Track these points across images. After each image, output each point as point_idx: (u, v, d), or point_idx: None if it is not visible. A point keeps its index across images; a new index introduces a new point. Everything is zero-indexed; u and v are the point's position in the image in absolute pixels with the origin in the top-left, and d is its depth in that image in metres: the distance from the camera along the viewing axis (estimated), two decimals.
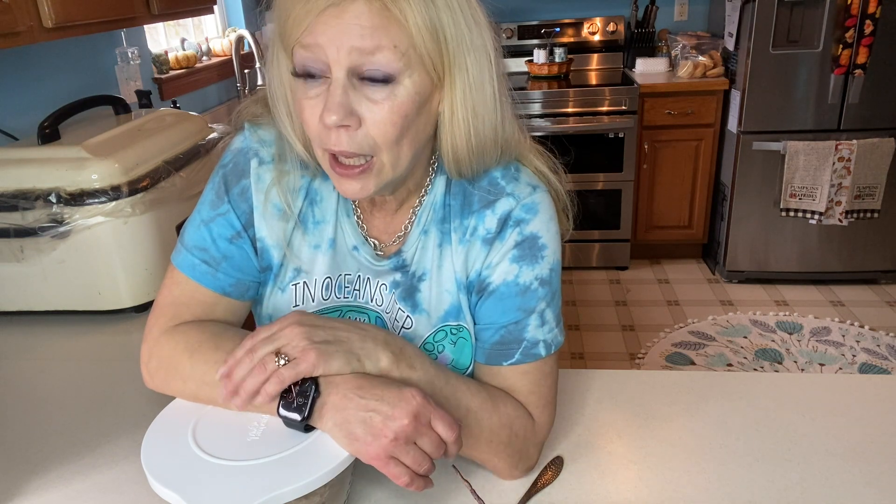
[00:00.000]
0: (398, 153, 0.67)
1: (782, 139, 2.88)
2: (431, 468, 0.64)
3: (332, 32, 0.61)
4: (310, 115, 0.66)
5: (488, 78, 0.68)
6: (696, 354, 2.66)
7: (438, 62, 0.65)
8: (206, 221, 0.77)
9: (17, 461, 0.84)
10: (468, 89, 0.67)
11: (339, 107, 0.63)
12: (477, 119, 0.69)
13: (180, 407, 0.71)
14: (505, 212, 0.75)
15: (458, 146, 0.70)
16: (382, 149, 0.66)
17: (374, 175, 0.68)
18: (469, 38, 0.66)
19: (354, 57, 0.62)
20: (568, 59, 3.38)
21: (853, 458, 0.79)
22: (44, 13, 1.27)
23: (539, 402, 0.77)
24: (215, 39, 2.90)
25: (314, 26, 0.62)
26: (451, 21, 0.64)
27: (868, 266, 3.08)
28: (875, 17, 2.63)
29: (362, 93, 0.64)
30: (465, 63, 0.66)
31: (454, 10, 0.64)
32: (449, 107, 0.68)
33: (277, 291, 0.80)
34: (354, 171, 0.67)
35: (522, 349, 0.75)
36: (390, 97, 0.64)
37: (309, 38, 0.62)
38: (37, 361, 1.10)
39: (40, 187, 1.14)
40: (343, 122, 0.63)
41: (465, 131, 0.69)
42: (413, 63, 0.63)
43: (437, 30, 0.63)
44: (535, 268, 0.75)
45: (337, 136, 0.64)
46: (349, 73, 0.63)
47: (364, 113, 0.64)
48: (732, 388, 0.93)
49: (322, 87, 0.64)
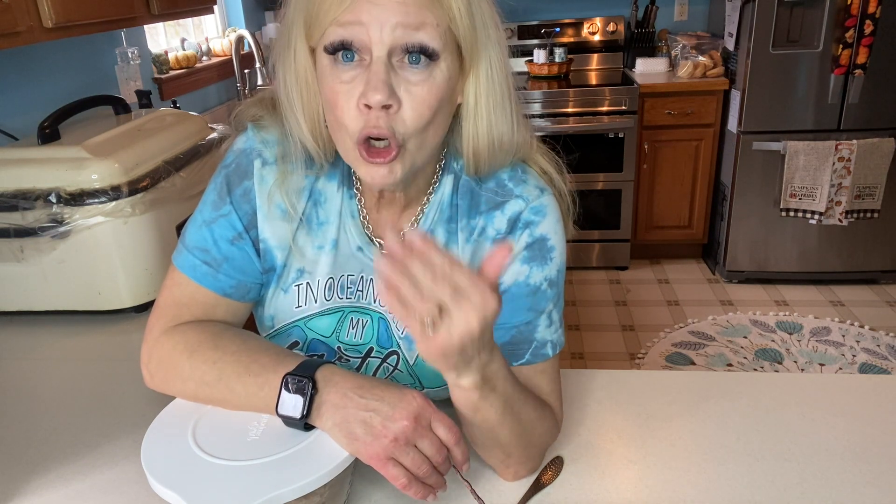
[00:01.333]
0: (424, 139, 0.67)
1: (782, 139, 2.88)
2: (430, 471, 0.64)
3: (376, 10, 0.61)
4: (345, 101, 0.64)
5: (505, 73, 0.69)
6: (696, 354, 2.66)
7: (470, 47, 0.66)
8: (207, 222, 0.77)
9: (17, 461, 0.84)
10: (490, 82, 0.68)
11: (384, 85, 0.62)
12: (496, 113, 0.70)
13: (180, 407, 0.71)
14: (515, 213, 0.75)
15: (479, 137, 0.71)
16: (412, 134, 0.66)
17: (401, 160, 0.67)
18: (493, 32, 0.67)
19: (398, 34, 0.61)
20: (568, 59, 3.38)
21: (853, 458, 0.79)
22: (44, 13, 1.27)
23: (558, 400, 0.79)
24: (215, 39, 2.90)
25: (356, 4, 0.61)
26: (479, 11, 0.66)
27: (868, 266, 3.08)
28: (875, 17, 2.63)
29: (401, 75, 0.64)
30: (490, 55, 0.68)
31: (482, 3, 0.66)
32: (473, 97, 0.69)
33: (280, 292, 0.79)
34: (385, 157, 0.65)
35: (532, 349, 0.75)
36: (428, 79, 0.64)
37: (350, 16, 0.62)
38: (37, 361, 1.10)
39: (40, 187, 1.14)
40: (387, 101, 0.62)
41: (486, 123, 0.70)
42: (449, 45, 0.64)
43: (472, 14, 0.65)
44: (544, 269, 0.75)
45: (377, 117, 0.63)
46: (390, 52, 0.62)
47: (402, 95, 0.64)
48: (732, 388, 0.93)
49: (357, 70, 0.64)
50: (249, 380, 0.68)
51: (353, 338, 0.80)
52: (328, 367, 0.67)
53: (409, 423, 0.62)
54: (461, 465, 0.66)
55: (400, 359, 0.80)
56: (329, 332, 0.80)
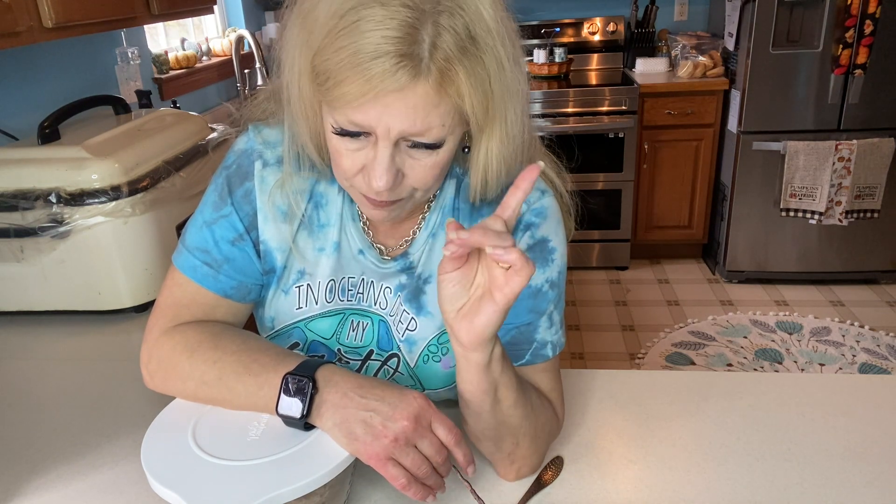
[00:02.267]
0: (431, 189, 0.70)
1: (782, 139, 2.88)
2: (430, 472, 0.64)
3: (386, 117, 0.60)
4: (350, 165, 0.66)
5: (522, 117, 0.68)
6: (696, 354, 2.66)
7: (482, 120, 0.65)
8: (208, 223, 0.77)
9: (17, 461, 0.84)
10: (505, 136, 0.67)
11: (388, 172, 0.63)
12: (509, 154, 0.69)
13: (180, 407, 0.71)
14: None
15: (489, 177, 0.71)
16: (420, 191, 0.68)
17: (401, 206, 0.70)
18: (513, 87, 0.65)
19: (403, 135, 0.62)
20: (568, 59, 3.38)
21: (853, 458, 0.79)
22: (44, 13, 1.27)
23: (559, 398, 0.79)
24: (215, 39, 2.90)
25: (368, 107, 0.60)
26: (499, 79, 0.63)
27: (868, 266, 3.08)
28: (875, 17, 2.63)
29: (406, 152, 0.64)
30: (506, 113, 0.66)
31: (503, 67, 0.62)
32: (485, 150, 0.68)
33: (281, 294, 0.79)
34: (389, 206, 0.68)
35: (532, 350, 0.76)
36: (433, 156, 0.65)
37: (359, 118, 0.61)
38: (37, 361, 1.10)
39: (40, 187, 1.14)
40: (390, 187, 0.64)
41: (497, 166, 0.70)
42: (457, 127, 0.64)
43: (487, 94, 0.63)
44: (545, 270, 0.75)
45: (379, 192, 0.65)
46: (395, 142, 0.63)
47: (407, 170, 0.65)
48: (732, 388, 0.93)
49: (363, 143, 0.64)
50: (249, 379, 0.68)
51: (353, 340, 0.80)
52: (328, 367, 0.67)
53: (409, 424, 0.62)
54: (465, 467, 0.66)
55: (400, 361, 0.80)
56: (329, 333, 0.80)
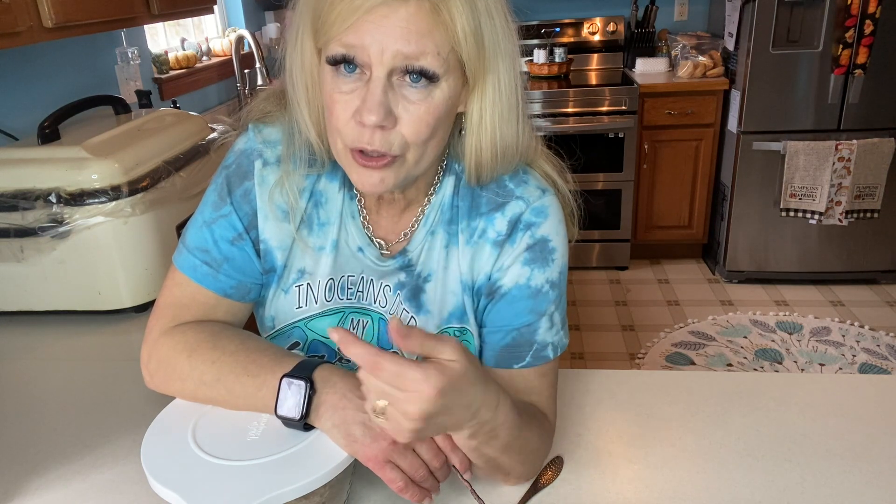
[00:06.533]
0: (423, 152, 0.67)
1: (782, 139, 2.88)
2: (426, 475, 0.64)
3: (379, 34, 0.60)
4: (342, 110, 0.64)
5: (514, 84, 0.68)
6: (696, 354, 2.66)
7: (475, 67, 0.65)
8: (208, 223, 0.77)
9: (17, 461, 0.84)
10: (498, 95, 0.67)
11: (380, 106, 0.62)
12: (503, 123, 0.69)
13: (180, 407, 0.71)
14: (515, 214, 0.75)
15: (482, 150, 0.70)
16: (410, 147, 0.66)
17: (395, 169, 0.67)
18: (504, 44, 0.66)
19: (398, 60, 0.61)
20: (568, 59, 3.38)
21: (853, 458, 0.79)
22: (44, 13, 1.26)
23: (553, 404, 0.78)
24: (215, 39, 2.90)
25: (360, 24, 0.60)
26: (490, 26, 0.64)
27: (868, 266, 3.08)
28: (875, 17, 2.63)
29: (400, 92, 0.63)
30: (499, 68, 0.66)
31: (493, 16, 0.64)
32: (478, 111, 0.68)
33: (281, 293, 0.79)
34: (379, 162, 0.66)
35: (533, 352, 0.75)
36: (427, 98, 0.64)
37: (352, 38, 0.61)
38: (37, 361, 1.10)
39: (40, 187, 1.14)
40: (382, 123, 0.62)
41: (490, 136, 0.69)
42: (451, 67, 0.64)
43: (480, 35, 0.63)
44: (545, 271, 0.75)
45: (371, 134, 0.64)
46: (389, 72, 0.62)
47: (400, 113, 0.64)
48: (732, 388, 0.93)
49: (357, 83, 0.63)
50: (248, 380, 0.68)
51: None
52: (326, 368, 0.67)
53: None
54: (463, 472, 0.66)
55: None
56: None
